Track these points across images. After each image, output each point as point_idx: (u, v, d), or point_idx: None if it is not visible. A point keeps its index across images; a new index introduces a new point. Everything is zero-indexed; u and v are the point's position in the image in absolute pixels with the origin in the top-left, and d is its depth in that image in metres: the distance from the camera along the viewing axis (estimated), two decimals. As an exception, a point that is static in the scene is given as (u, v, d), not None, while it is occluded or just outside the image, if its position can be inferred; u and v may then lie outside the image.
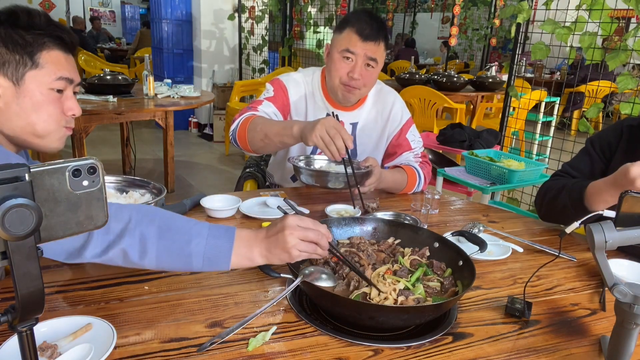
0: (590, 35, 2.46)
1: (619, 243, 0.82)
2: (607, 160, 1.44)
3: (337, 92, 1.65)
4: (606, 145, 1.43)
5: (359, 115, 1.76)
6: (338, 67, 1.60)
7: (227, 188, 4.12)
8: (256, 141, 1.54)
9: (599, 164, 1.44)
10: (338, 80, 1.61)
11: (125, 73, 5.11)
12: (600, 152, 1.45)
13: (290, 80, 1.73)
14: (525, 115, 3.65)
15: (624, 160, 1.35)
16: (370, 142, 1.79)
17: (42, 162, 0.55)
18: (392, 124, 1.78)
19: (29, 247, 0.52)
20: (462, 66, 10.00)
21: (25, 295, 0.53)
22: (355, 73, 1.57)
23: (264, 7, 5.87)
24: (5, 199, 0.48)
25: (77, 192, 0.55)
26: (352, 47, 1.56)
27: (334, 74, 1.62)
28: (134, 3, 14.78)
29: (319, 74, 1.76)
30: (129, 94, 3.65)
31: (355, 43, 1.55)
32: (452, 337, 0.91)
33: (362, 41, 1.55)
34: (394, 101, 1.79)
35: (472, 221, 1.46)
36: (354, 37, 1.55)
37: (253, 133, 1.53)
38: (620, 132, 1.41)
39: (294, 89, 1.72)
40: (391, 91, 1.82)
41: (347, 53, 1.57)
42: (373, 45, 1.56)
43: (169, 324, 0.90)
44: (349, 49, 1.56)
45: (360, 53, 1.56)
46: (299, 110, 1.73)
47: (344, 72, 1.59)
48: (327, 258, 1.06)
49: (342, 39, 1.59)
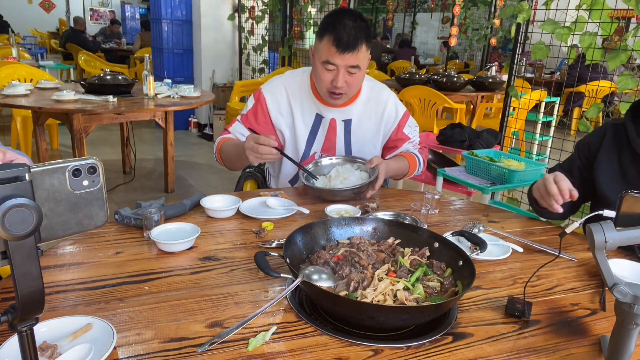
0: (590, 35, 2.46)
1: (619, 243, 0.82)
2: (586, 159, 1.54)
3: (325, 98, 1.69)
4: (587, 145, 1.55)
5: (351, 113, 1.77)
6: (322, 77, 1.62)
7: (227, 188, 4.12)
8: (228, 164, 1.76)
9: (577, 163, 1.56)
10: (324, 89, 1.64)
11: (125, 73, 5.11)
12: (581, 152, 1.56)
13: (268, 90, 1.77)
14: (525, 115, 3.64)
15: (607, 157, 1.43)
16: (364, 138, 1.80)
17: (42, 162, 0.55)
18: (387, 120, 1.80)
19: (29, 247, 0.52)
20: (462, 66, 9.99)
21: (26, 295, 0.53)
22: (339, 82, 1.59)
23: (264, 7, 5.87)
24: (5, 198, 0.48)
25: (77, 191, 0.55)
26: (331, 59, 1.56)
27: (319, 83, 1.65)
28: (134, 3, 14.78)
29: (308, 73, 1.77)
30: (129, 94, 3.64)
31: (333, 55, 1.55)
32: (452, 337, 0.91)
33: (340, 53, 1.54)
34: (387, 98, 1.80)
35: (472, 221, 1.46)
36: (332, 49, 1.54)
37: (224, 158, 1.76)
38: (604, 132, 1.51)
39: (272, 97, 1.75)
40: (384, 88, 1.83)
41: (328, 65, 1.58)
42: (351, 56, 1.55)
43: (169, 324, 0.90)
44: (329, 61, 1.57)
45: (341, 64, 1.57)
46: (284, 113, 1.76)
47: (327, 81, 1.61)
48: (327, 258, 1.06)
49: (322, 49, 1.58)
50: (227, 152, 1.72)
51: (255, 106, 1.76)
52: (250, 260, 1.16)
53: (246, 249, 1.23)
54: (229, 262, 1.16)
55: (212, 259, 1.17)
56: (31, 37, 11.36)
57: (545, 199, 1.35)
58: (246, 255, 1.19)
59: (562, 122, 5.15)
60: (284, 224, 1.41)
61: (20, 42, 8.44)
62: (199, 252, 1.21)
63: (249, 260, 1.16)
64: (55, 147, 5.08)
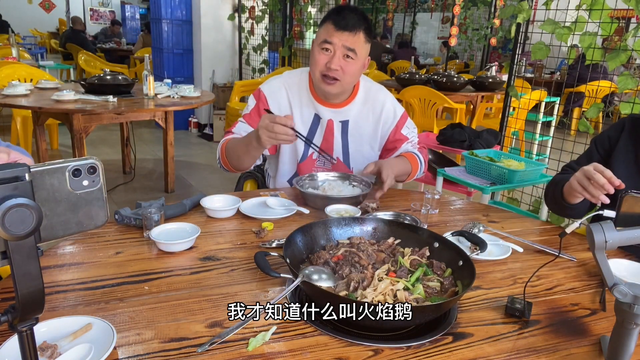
0: (590, 35, 2.46)
1: (619, 243, 0.82)
2: (605, 153, 1.52)
3: (319, 86, 1.67)
4: (606, 139, 1.52)
5: (348, 113, 1.76)
6: (317, 60, 1.62)
7: (227, 188, 4.11)
8: (235, 163, 1.68)
9: (596, 157, 1.53)
10: (318, 73, 1.63)
11: (125, 73, 5.11)
12: (600, 146, 1.54)
13: (267, 89, 1.76)
14: (525, 115, 3.64)
15: (626, 151, 1.42)
16: (362, 139, 1.79)
17: (42, 162, 0.55)
18: (385, 122, 1.79)
19: (29, 247, 0.52)
20: (462, 66, 9.99)
21: (26, 295, 0.53)
22: (333, 64, 1.58)
23: (264, 7, 5.87)
24: (5, 198, 0.48)
25: (77, 191, 0.55)
26: (329, 37, 1.58)
27: (314, 68, 1.64)
28: (134, 3, 14.79)
29: (307, 73, 1.77)
30: (129, 94, 3.64)
31: (331, 33, 1.58)
32: (452, 337, 0.91)
33: (337, 30, 1.57)
34: (384, 99, 1.80)
35: (472, 221, 1.46)
36: (331, 28, 1.58)
37: (230, 157, 1.68)
38: (622, 126, 1.50)
39: (273, 95, 1.75)
40: (381, 89, 1.83)
41: (325, 44, 1.59)
42: (349, 35, 1.57)
43: (169, 324, 0.90)
44: (326, 40, 1.58)
45: (338, 43, 1.57)
46: (284, 111, 1.75)
47: (322, 64, 1.61)
48: (327, 258, 1.06)
49: (320, 32, 1.62)
50: (234, 149, 1.66)
51: (257, 105, 1.75)
52: (250, 260, 1.16)
53: (246, 249, 1.23)
54: (229, 262, 1.16)
55: (212, 259, 1.17)
56: (31, 37, 11.36)
57: (589, 190, 1.24)
58: (246, 255, 1.19)
59: (562, 122, 5.14)
60: (284, 224, 1.41)
61: (20, 42, 8.44)
62: (199, 252, 1.21)
63: (249, 260, 1.16)
64: (55, 147, 5.08)
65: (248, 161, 1.66)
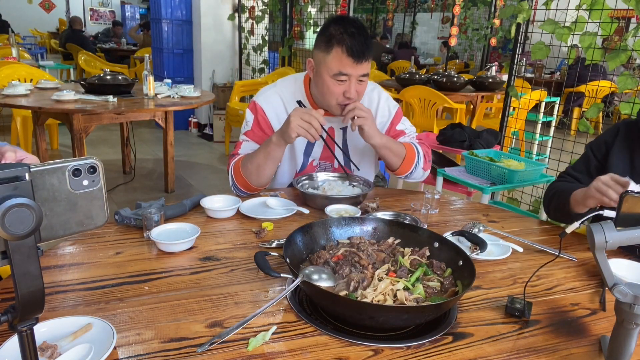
0: (590, 35, 2.46)
1: (619, 243, 0.82)
2: (602, 158, 1.52)
3: (335, 112, 1.63)
4: (602, 144, 1.53)
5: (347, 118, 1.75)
6: (333, 90, 1.56)
7: (227, 188, 4.10)
8: (254, 177, 1.57)
9: (594, 162, 1.53)
10: (335, 101, 1.59)
11: (125, 73, 5.11)
12: (597, 152, 1.54)
13: (262, 100, 1.71)
14: (525, 115, 3.64)
15: (621, 155, 1.43)
16: (361, 142, 1.78)
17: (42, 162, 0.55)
18: (381, 118, 1.78)
19: (29, 246, 0.52)
20: (462, 66, 9.99)
21: (26, 295, 0.53)
22: (352, 93, 1.55)
23: (264, 7, 5.87)
24: (5, 198, 0.48)
25: (77, 191, 0.55)
26: (345, 70, 1.51)
27: (329, 97, 1.58)
28: (134, 3, 14.79)
29: (301, 81, 1.73)
30: (129, 94, 3.64)
31: (347, 66, 1.51)
32: (452, 337, 0.91)
33: (355, 63, 1.51)
34: (379, 97, 1.79)
35: (472, 221, 1.46)
36: (346, 60, 1.50)
37: (248, 173, 1.57)
38: (616, 130, 1.51)
39: (269, 105, 1.70)
40: (375, 87, 1.81)
41: (340, 76, 1.53)
42: (365, 64, 1.53)
43: (169, 324, 0.90)
44: (341, 72, 1.52)
45: (354, 74, 1.53)
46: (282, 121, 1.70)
47: (339, 94, 1.56)
48: (327, 258, 1.06)
49: (332, 61, 1.52)
50: (251, 161, 1.57)
51: (256, 118, 1.70)
52: (250, 260, 1.16)
53: (246, 249, 1.23)
54: (229, 262, 1.16)
55: (212, 259, 1.17)
56: (31, 37, 11.36)
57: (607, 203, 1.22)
58: (246, 255, 1.19)
59: (562, 122, 5.15)
60: (284, 224, 1.41)
61: (20, 42, 8.44)
62: (199, 252, 1.21)
63: (249, 260, 1.16)
64: (55, 147, 5.08)
65: (270, 167, 1.58)
